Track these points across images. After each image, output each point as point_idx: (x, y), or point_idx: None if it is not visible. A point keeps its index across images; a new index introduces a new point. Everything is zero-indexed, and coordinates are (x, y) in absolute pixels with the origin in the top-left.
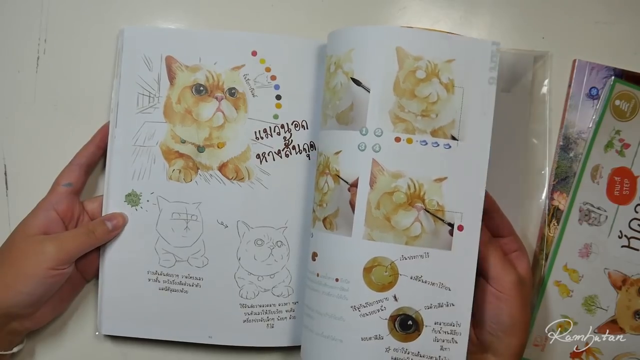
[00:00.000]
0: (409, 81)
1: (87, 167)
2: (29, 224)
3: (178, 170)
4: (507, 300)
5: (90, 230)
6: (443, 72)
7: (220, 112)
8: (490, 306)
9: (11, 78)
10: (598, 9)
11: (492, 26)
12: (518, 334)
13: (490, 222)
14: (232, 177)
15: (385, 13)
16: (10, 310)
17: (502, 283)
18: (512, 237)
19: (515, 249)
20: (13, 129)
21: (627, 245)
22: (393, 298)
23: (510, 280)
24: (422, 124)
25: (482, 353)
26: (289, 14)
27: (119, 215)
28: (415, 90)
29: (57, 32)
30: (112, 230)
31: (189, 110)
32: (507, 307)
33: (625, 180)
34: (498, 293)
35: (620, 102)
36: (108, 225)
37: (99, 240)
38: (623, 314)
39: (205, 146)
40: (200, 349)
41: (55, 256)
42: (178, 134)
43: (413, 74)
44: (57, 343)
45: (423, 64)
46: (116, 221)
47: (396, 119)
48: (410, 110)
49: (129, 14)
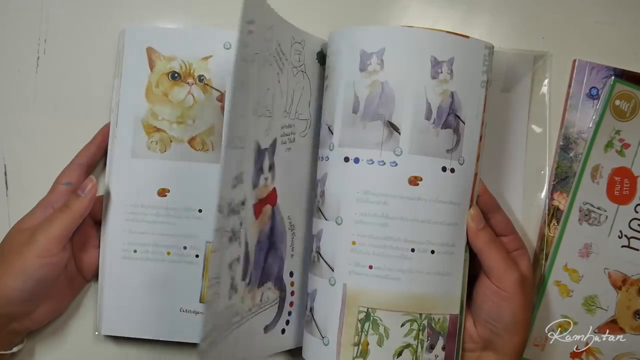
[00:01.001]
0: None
1: (87, 167)
2: (24, 220)
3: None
4: (509, 298)
5: (65, 206)
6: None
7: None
8: (492, 304)
9: (11, 78)
10: (598, 9)
11: (492, 26)
12: (520, 332)
13: (492, 220)
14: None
15: (385, 13)
16: (5, 310)
17: (504, 281)
18: (513, 236)
19: (517, 248)
20: (13, 129)
21: (627, 245)
22: None
23: (513, 278)
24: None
25: (484, 350)
26: (287, 14)
27: (88, 181)
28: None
29: (57, 32)
30: (85, 196)
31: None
32: (509, 306)
33: (625, 180)
34: (500, 291)
35: (621, 102)
36: (79, 193)
37: (78, 212)
38: (623, 314)
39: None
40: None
41: (42, 243)
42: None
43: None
44: (57, 343)
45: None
46: (86, 187)
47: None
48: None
49: (129, 14)
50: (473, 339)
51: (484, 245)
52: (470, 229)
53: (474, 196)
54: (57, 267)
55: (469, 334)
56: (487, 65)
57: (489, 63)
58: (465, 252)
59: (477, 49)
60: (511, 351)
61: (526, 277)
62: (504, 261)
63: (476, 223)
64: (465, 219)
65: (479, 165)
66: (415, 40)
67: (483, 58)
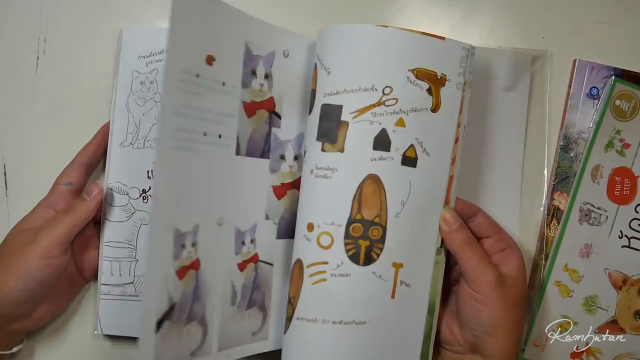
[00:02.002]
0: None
1: (87, 166)
2: (25, 221)
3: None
4: (484, 301)
5: (70, 208)
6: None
7: None
8: (470, 308)
9: (11, 78)
10: (598, 9)
11: (492, 26)
12: (502, 335)
13: (472, 224)
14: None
15: (385, 13)
16: (5, 310)
17: (478, 284)
18: (498, 236)
19: (504, 248)
20: (13, 128)
21: (627, 245)
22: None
23: (487, 280)
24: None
25: (472, 353)
26: (288, 14)
27: (95, 185)
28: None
29: (57, 32)
30: (91, 200)
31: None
32: (485, 308)
33: (625, 180)
34: (477, 295)
35: (621, 102)
36: (85, 197)
37: (83, 216)
38: (623, 314)
39: None
40: None
41: (44, 244)
42: None
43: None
44: (57, 343)
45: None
46: (92, 191)
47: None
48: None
49: (129, 13)
50: (459, 342)
51: (458, 248)
52: (443, 231)
53: (450, 197)
54: (58, 268)
55: (455, 338)
56: (464, 67)
57: (467, 64)
58: (438, 254)
59: (452, 50)
60: (497, 354)
61: (509, 278)
62: (478, 263)
63: (449, 225)
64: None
65: (454, 168)
66: (388, 40)
67: (460, 59)
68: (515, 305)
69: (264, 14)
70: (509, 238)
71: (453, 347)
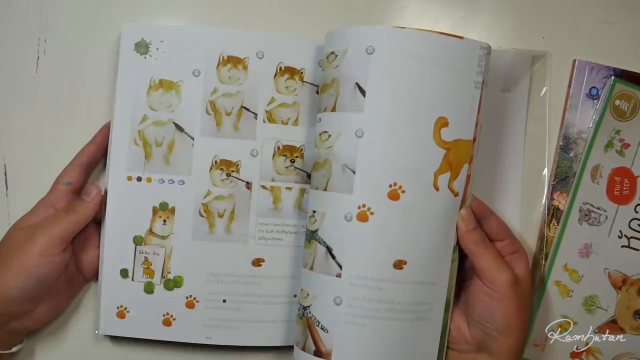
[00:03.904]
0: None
1: (87, 166)
2: (24, 219)
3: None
4: (500, 299)
5: (70, 208)
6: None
7: None
8: (483, 305)
9: (11, 78)
10: (598, 9)
11: (492, 26)
12: (513, 334)
13: (485, 226)
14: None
15: (385, 13)
16: (5, 308)
17: (495, 282)
18: (509, 240)
19: (514, 251)
20: (13, 128)
21: (627, 245)
22: None
23: (504, 279)
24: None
25: (478, 352)
26: (288, 14)
27: (93, 187)
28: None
29: (57, 32)
30: (91, 201)
31: None
32: (500, 307)
33: (625, 180)
34: (492, 292)
35: (620, 102)
36: (85, 198)
37: (83, 216)
38: (623, 314)
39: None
40: (198, 349)
41: (43, 242)
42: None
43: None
44: (57, 343)
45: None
46: (91, 193)
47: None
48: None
49: (129, 13)
50: (467, 340)
51: (474, 246)
52: (460, 230)
53: (467, 197)
54: (58, 266)
55: (462, 335)
56: (482, 66)
57: (485, 63)
58: (454, 252)
59: (471, 50)
60: (505, 353)
61: (521, 279)
62: (495, 262)
63: (466, 224)
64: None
65: (471, 167)
66: (406, 41)
67: (478, 58)
68: (525, 306)
69: (263, 14)
70: (518, 242)
71: (458, 345)
